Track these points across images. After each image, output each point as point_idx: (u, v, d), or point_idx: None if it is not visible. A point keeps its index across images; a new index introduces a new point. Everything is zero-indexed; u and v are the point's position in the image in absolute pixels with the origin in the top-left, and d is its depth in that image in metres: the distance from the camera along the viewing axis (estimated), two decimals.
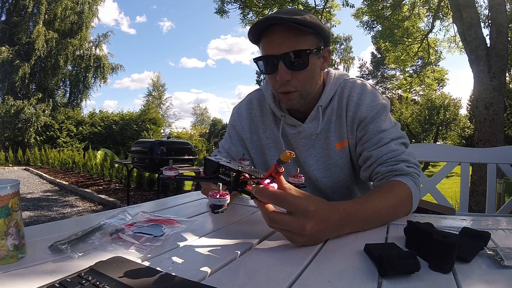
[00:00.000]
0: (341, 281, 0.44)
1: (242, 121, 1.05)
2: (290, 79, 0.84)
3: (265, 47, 0.85)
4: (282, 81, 0.84)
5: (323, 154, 0.98)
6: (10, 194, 0.48)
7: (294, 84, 0.86)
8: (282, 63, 0.82)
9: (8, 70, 16.66)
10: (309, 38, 0.84)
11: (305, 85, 0.87)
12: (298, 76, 0.85)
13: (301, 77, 0.86)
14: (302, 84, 0.87)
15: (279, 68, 0.83)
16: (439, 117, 16.61)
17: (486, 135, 4.35)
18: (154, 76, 35.91)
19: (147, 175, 6.39)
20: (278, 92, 0.89)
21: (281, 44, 0.82)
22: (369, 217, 0.67)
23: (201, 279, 0.45)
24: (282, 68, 0.83)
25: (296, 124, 0.96)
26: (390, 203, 0.72)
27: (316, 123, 0.95)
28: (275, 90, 0.91)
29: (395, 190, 0.76)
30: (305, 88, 0.88)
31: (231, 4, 7.42)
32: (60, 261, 0.50)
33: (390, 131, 0.88)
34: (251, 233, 0.67)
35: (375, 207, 0.68)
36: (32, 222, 4.12)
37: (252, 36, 0.87)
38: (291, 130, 0.98)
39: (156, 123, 18.09)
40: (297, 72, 0.84)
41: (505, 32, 4.45)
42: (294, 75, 0.85)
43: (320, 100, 0.94)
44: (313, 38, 0.84)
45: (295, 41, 0.82)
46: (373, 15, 8.28)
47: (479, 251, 0.53)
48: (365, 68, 29.60)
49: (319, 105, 0.94)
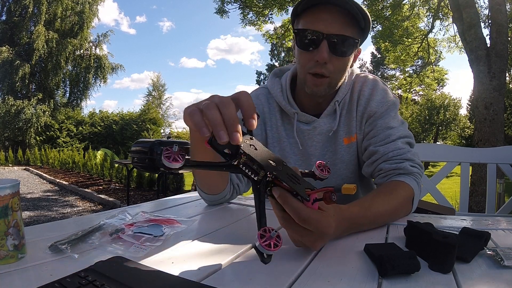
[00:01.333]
0: (341, 281, 0.44)
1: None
2: (328, 62, 0.82)
3: (312, 21, 0.81)
4: (321, 61, 0.81)
5: (330, 149, 0.96)
6: (10, 194, 0.48)
7: (329, 68, 0.83)
8: (326, 43, 0.80)
9: (8, 70, 16.67)
10: (355, 30, 0.82)
11: (338, 74, 0.86)
12: (335, 62, 0.83)
13: (338, 64, 0.84)
14: (336, 72, 0.84)
15: (321, 46, 0.80)
16: (439, 117, 16.63)
17: (486, 135, 4.36)
18: (154, 76, 35.88)
19: (147, 175, 6.39)
20: (308, 73, 0.85)
21: (331, 24, 0.79)
22: (372, 222, 0.67)
23: (201, 279, 0.45)
24: (324, 47, 0.80)
25: (310, 120, 0.94)
26: (393, 206, 0.72)
27: (331, 119, 0.93)
28: (304, 69, 0.86)
29: (399, 192, 0.75)
30: (337, 77, 0.86)
31: (231, 4, 7.42)
32: (60, 261, 0.50)
33: (398, 128, 0.88)
34: (251, 233, 0.67)
35: (378, 212, 0.67)
36: (32, 222, 4.12)
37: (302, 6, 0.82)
38: (305, 126, 0.95)
39: (156, 123, 18.09)
40: (336, 57, 0.82)
41: (505, 32, 4.46)
42: (332, 60, 0.82)
43: (337, 95, 0.92)
44: (358, 31, 0.83)
45: (344, 26, 0.80)
46: (373, 15, 8.28)
47: (479, 251, 0.53)
48: (365, 68, 29.60)
49: (335, 100, 0.92)
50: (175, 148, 0.44)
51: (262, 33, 8.29)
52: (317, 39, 0.80)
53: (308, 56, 0.84)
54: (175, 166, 0.44)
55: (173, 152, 0.44)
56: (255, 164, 0.46)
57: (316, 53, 0.81)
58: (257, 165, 0.46)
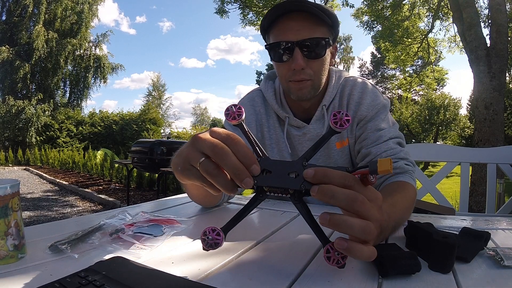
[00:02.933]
0: (341, 281, 0.44)
1: (247, 116, 1.00)
2: (305, 67, 0.84)
3: (281, 33, 0.83)
4: (298, 68, 0.83)
5: (323, 153, 0.97)
6: (10, 194, 0.48)
7: (309, 72, 0.85)
8: (299, 50, 0.81)
9: (9, 70, 16.66)
10: (325, 30, 0.84)
11: (319, 75, 0.87)
12: (312, 65, 0.85)
13: (316, 66, 0.85)
14: (316, 73, 0.86)
15: (295, 54, 0.82)
16: (439, 117, 16.61)
17: (486, 135, 4.36)
18: (154, 76, 35.95)
19: (147, 175, 6.39)
20: (289, 82, 0.87)
21: (299, 30, 0.81)
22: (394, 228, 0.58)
23: (201, 279, 0.45)
24: (298, 55, 0.82)
25: (301, 125, 0.95)
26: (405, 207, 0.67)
27: (320, 124, 0.94)
28: (285, 80, 0.88)
29: (406, 193, 0.72)
30: (318, 78, 0.88)
31: (231, 4, 7.43)
32: (60, 261, 0.50)
33: (389, 130, 0.88)
34: (251, 233, 0.67)
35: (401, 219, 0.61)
36: (32, 222, 4.12)
37: (267, 21, 0.85)
38: (295, 131, 0.96)
39: (156, 123, 18.08)
40: (312, 60, 0.84)
41: (505, 32, 4.46)
42: (309, 64, 0.84)
43: (324, 99, 0.94)
44: (327, 30, 0.85)
45: (312, 29, 0.81)
46: (373, 15, 8.29)
47: (479, 251, 0.53)
48: (365, 68, 29.60)
49: (323, 104, 0.93)
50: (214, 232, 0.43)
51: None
52: (290, 48, 0.83)
53: (286, 66, 0.86)
54: (219, 245, 0.44)
55: (212, 233, 0.43)
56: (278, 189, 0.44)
57: (292, 62, 0.83)
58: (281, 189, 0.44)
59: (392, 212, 0.55)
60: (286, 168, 0.43)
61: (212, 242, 0.43)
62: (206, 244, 0.44)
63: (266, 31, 0.89)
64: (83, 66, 19.26)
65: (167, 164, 4.54)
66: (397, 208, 0.60)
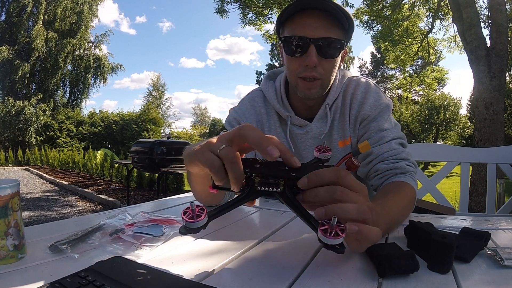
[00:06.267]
0: (341, 281, 0.44)
1: (248, 117, 1.00)
2: (318, 65, 0.84)
3: (298, 27, 0.83)
4: (311, 65, 0.83)
5: None
6: (10, 194, 0.48)
7: (320, 71, 0.85)
8: (314, 47, 0.82)
9: (8, 70, 16.66)
10: (340, 32, 0.84)
11: (328, 75, 0.87)
12: (324, 64, 0.85)
13: (328, 66, 0.85)
14: (326, 73, 0.86)
15: (310, 51, 0.82)
16: (439, 117, 16.61)
17: (486, 135, 4.35)
18: (154, 76, 35.96)
19: (147, 175, 6.39)
20: (299, 77, 0.87)
21: (317, 28, 0.81)
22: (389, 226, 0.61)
23: (201, 279, 0.45)
24: (312, 51, 0.81)
25: (304, 124, 0.95)
26: (402, 206, 0.69)
27: (323, 122, 0.94)
28: (294, 75, 0.88)
29: (405, 192, 0.74)
30: (328, 79, 0.88)
31: (231, 4, 7.43)
32: (60, 261, 0.50)
33: (392, 130, 0.89)
34: (251, 233, 0.67)
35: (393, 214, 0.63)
36: (32, 222, 4.12)
37: (287, 13, 0.84)
38: (298, 130, 0.96)
39: (156, 123, 18.08)
40: (325, 60, 0.84)
41: (505, 32, 4.46)
42: (321, 62, 0.84)
43: (327, 98, 0.94)
44: (342, 33, 0.85)
45: (330, 29, 0.82)
46: (373, 15, 8.29)
47: (479, 251, 0.53)
48: (365, 68, 29.59)
49: (326, 103, 0.93)
50: (193, 205, 0.43)
51: (261, 33, 8.30)
52: (305, 44, 0.82)
53: (298, 61, 0.85)
54: (200, 224, 0.43)
55: (192, 210, 0.43)
56: (270, 177, 0.46)
57: (305, 58, 0.83)
58: (272, 178, 0.46)
59: (383, 209, 0.57)
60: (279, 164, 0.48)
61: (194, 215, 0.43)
62: (188, 216, 0.42)
63: (283, 24, 0.88)
64: (82, 66, 19.26)
65: (167, 164, 4.54)
66: (390, 206, 0.62)
